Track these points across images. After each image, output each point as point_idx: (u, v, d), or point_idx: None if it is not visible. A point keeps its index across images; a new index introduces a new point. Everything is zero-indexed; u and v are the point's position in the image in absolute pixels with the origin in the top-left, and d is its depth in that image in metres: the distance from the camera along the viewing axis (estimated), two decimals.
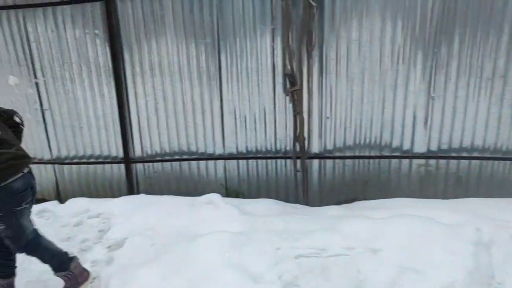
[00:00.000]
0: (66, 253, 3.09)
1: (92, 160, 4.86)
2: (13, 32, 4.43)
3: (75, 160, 4.88)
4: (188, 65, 4.37)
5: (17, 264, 3.09)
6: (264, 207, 4.15)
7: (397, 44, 4.00)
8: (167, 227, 3.79)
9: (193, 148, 4.67)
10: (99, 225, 4.16)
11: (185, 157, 4.71)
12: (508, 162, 4.12)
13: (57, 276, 3.06)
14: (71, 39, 4.39)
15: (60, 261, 3.05)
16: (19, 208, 2.77)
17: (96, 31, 4.33)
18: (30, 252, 2.93)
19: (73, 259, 3.11)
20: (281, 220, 3.70)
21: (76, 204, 4.60)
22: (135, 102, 4.56)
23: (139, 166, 4.81)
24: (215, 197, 4.03)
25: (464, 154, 4.17)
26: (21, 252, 2.91)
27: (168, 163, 4.75)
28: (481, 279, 2.81)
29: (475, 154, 4.15)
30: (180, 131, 4.61)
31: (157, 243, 3.54)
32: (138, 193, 4.86)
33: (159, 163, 4.77)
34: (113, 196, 4.88)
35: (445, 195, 4.23)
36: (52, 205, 4.58)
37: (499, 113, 4.00)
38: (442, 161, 4.22)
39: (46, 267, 3.07)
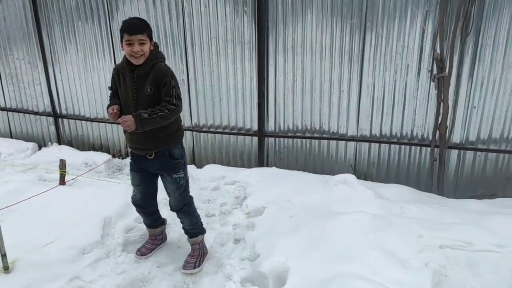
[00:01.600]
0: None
1: (227, 130, 5.14)
2: (170, 7, 4.79)
3: (211, 129, 5.21)
4: (331, 45, 4.39)
5: None
6: (397, 193, 4.11)
7: None
8: (303, 201, 3.92)
9: (325, 127, 4.72)
10: (235, 191, 4.46)
11: (316, 135, 4.79)
12: None
13: (192, 242, 3.29)
14: (221, 15, 4.63)
15: (200, 225, 3.33)
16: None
17: (245, 8, 4.52)
18: (188, 206, 3.20)
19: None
20: (418, 208, 3.64)
21: (212, 170, 4.97)
22: (274, 78, 4.71)
23: (271, 140, 4.99)
24: (350, 177, 4.08)
25: None
26: (183, 204, 3.16)
27: (299, 140, 4.88)
28: None
29: None
30: (314, 110, 4.69)
31: (296, 215, 3.69)
32: (267, 165, 5.06)
33: (290, 139, 4.91)
34: (243, 166, 5.16)
35: None
36: (190, 169, 4.96)
37: None
38: None
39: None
